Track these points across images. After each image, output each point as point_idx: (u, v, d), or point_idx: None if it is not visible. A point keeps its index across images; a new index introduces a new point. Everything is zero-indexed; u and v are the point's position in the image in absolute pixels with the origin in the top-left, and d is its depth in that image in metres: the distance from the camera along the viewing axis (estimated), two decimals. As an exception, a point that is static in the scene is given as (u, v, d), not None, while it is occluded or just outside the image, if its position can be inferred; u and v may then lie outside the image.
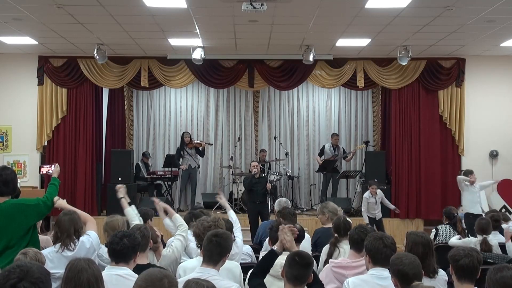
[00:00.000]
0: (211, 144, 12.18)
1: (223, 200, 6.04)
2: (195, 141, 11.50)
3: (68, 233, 4.01)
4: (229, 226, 4.67)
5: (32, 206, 4.22)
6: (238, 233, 5.05)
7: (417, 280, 3.09)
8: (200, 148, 11.31)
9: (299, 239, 4.21)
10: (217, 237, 3.50)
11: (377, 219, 9.17)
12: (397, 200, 10.63)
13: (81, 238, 4.08)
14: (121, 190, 5.11)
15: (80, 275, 2.71)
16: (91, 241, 4.12)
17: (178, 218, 4.82)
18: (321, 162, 11.37)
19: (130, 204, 5.06)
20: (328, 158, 11.30)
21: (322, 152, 11.58)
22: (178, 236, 4.54)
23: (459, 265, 3.21)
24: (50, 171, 4.87)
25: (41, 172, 5.27)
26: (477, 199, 8.62)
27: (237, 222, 5.30)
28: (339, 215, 5.39)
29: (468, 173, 8.75)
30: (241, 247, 4.96)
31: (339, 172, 11.37)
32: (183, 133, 11.51)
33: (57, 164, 4.88)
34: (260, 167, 9.17)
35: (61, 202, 4.48)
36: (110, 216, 4.77)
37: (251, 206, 9.17)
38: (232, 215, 5.55)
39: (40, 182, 10.61)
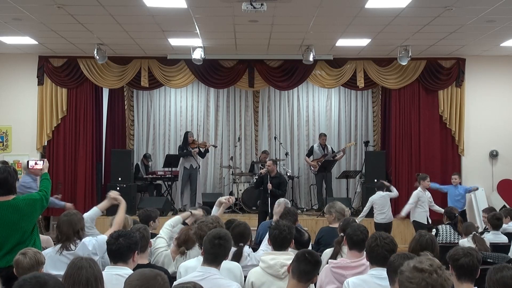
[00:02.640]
0: (216, 146, 12.16)
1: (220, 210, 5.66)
2: (199, 142, 11.47)
3: (67, 235, 4.04)
4: (229, 226, 4.67)
5: (38, 200, 4.36)
6: None
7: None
8: (203, 150, 11.28)
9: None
10: (220, 239, 3.51)
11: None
12: (397, 200, 10.60)
13: (83, 240, 4.09)
14: (111, 199, 4.85)
15: (80, 272, 2.73)
16: (94, 244, 4.11)
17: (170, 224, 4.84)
18: (311, 163, 11.36)
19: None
20: (318, 158, 11.30)
21: (310, 152, 11.55)
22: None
23: (459, 264, 3.21)
24: (39, 166, 4.90)
25: (29, 167, 5.28)
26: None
27: None
28: (347, 216, 5.40)
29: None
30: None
31: (331, 172, 11.36)
32: (187, 132, 11.44)
33: (45, 160, 4.92)
34: (266, 170, 9.12)
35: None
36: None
37: (261, 206, 9.18)
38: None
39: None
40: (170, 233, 4.78)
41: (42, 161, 4.88)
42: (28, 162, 5.21)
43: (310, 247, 5.31)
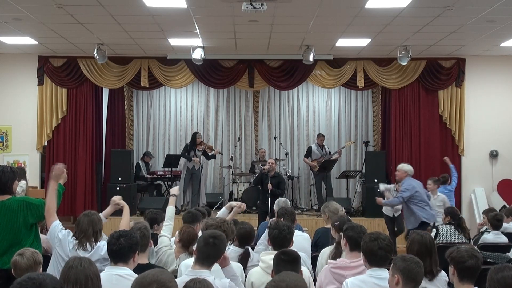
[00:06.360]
0: (222, 154, 12.15)
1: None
2: (207, 144, 11.40)
3: (85, 234, 4.05)
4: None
5: (35, 205, 4.27)
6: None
7: (419, 279, 3.08)
8: (209, 153, 11.24)
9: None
10: (215, 238, 3.42)
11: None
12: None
13: (98, 243, 4.09)
14: (176, 189, 5.33)
15: (69, 271, 2.74)
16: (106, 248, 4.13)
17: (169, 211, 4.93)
18: (311, 163, 11.33)
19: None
20: (317, 158, 11.28)
21: (309, 153, 11.51)
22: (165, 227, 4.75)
23: (465, 266, 3.18)
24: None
25: None
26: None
27: None
28: (342, 215, 5.35)
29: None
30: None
31: (330, 172, 11.35)
32: (195, 133, 11.33)
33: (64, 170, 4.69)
34: (269, 166, 9.09)
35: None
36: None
37: (261, 206, 9.19)
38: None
39: (40, 182, 10.61)
40: (171, 227, 4.82)
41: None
42: None
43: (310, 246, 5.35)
